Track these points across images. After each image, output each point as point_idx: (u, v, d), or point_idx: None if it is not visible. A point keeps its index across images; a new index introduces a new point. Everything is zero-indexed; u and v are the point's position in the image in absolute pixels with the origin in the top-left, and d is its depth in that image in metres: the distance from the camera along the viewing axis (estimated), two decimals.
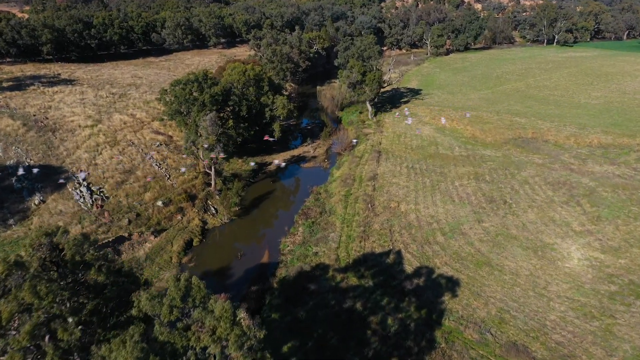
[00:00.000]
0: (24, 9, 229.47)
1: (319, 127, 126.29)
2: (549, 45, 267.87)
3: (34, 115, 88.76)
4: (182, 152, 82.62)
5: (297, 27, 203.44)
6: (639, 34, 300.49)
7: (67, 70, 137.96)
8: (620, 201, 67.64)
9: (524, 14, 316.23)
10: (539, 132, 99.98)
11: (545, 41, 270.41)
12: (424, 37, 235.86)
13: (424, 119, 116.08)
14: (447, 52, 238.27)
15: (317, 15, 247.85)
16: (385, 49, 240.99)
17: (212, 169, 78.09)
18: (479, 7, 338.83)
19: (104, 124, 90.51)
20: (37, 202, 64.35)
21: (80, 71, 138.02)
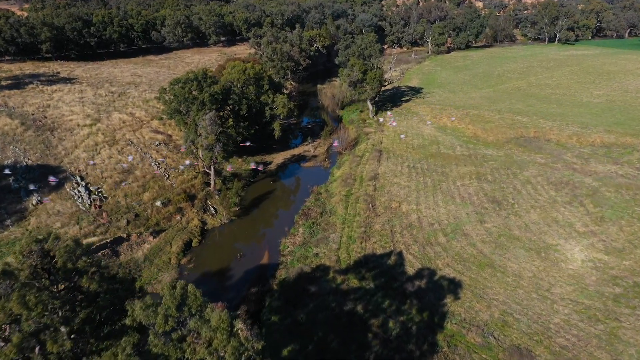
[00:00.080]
0: (23, 6, 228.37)
1: (319, 126, 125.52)
2: (551, 43, 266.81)
3: (33, 114, 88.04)
4: (182, 151, 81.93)
5: (297, 25, 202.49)
6: None
7: (67, 68, 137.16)
8: (623, 201, 66.93)
9: (525, 12, 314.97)
10: (541, 131, 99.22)
11: (546, 39, 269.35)
12: (425, 35, 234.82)
13: (425, 118, 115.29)
14: (448, 51, 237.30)
15: (317, 13, 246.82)
16: (386, 47, 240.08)
17: (212, 169, 77.41)
18: (480, 5, 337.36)
19: (103, 123, 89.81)
20: (34, 202, 63.67)
21: (79, 69, 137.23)
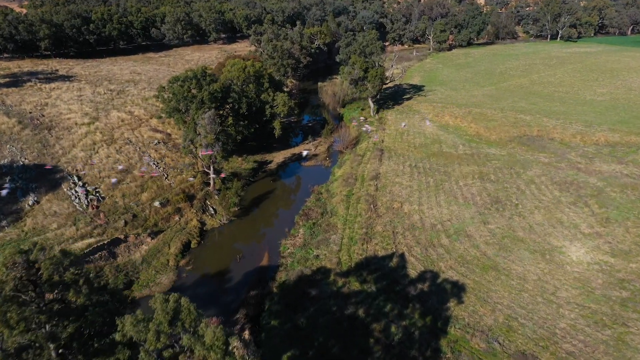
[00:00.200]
0: (23, 3, 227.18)
1: (320, 124, 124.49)
2: (553, 40, 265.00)
3: (30, 112, 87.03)
4: (181, 150, 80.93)
5: (298, 22, 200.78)
6: None
7: (65, 66, 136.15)
8: (629, 202, 65.83)
9: (527, 9, 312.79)
10: (544, 130, 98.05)
11: (548, 36, 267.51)
12: (427, 32, 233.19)
13: (427, 116, 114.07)
14: (450, 48, 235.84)
15: (318, 10, 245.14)
16: (387, 44, 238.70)
17: (211, 168, 76.39)
18: (481, 1, 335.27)
19: (101, 121, 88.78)
20: (30, 202, 62.69)
21: (78, 67, 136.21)
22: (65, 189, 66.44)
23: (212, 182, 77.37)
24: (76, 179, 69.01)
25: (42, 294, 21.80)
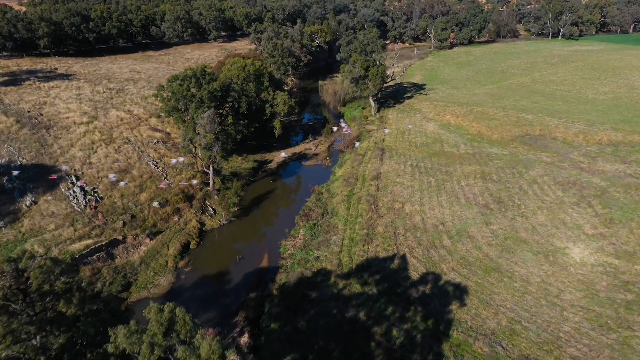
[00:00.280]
0: (22, 1, 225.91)
1: (320, 123, 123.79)
2: (554, 38, 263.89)
3: (28, 111, 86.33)
4: (180, 150, 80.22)
5: (298, 20, 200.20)
6: None
7: (64, 64, 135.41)
8: (633, 202, 65.09)
9: (529, 7, 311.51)
10: (546, 129, 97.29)
11: (550, 34, 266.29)
12: (428, 30, 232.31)
13: (428, 115, 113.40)
14: (451, 46, 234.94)
15: (319, 8, 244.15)
16: (388, 42, 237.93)
17: (211, 168, 75.67)
18: None
19: (100, 120, 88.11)
20: (28, 203, 62.02)
21: (77, 65, 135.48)
22: (63, 189, 65.78)
23: (211, 182, 76.68)
24: (74, 178, 68.34)
25: (32, 303, 21.17)
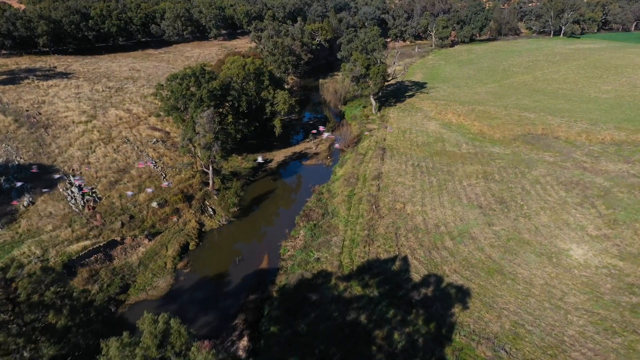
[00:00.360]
0: None
1: (321, 122, 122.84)
2: (556, 36, 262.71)
3: (27, 110, 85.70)
4: (179, 149, 79.51)
5: (299, 18, 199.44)
6: None
7: (64, 63, 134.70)
8: (637, 203, 64.32)
9: (530, 5, 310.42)
10: (549, 128, 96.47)
11: (551, 32, 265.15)
12: (429, 28, 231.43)
13: (430, 114, 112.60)
14: (452, 44, 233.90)
15: (319, 6, 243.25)
16: (388, 40, 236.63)
17: (210, 168, 74.97)
18: None
19: (99, 119, 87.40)
20: (26, 203, 61.34)
21: (77, 64, 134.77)
22: (61, 189, 65.10)
23: (211, 182, 75.97)
24: (72, 178, 67.62)
25: (21, 313, 20.49)
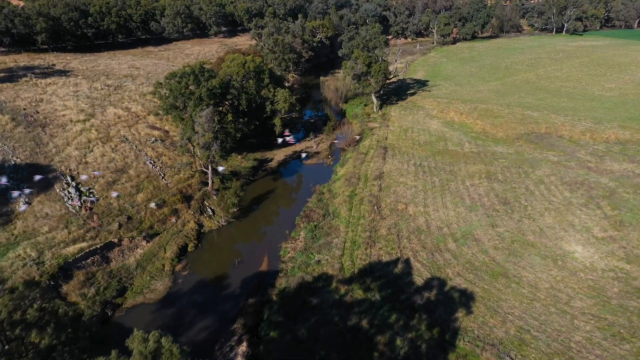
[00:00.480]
0: None
1: (322, 121, 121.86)
2: (558, 33, 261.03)
3: (24, 109, 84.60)
4: (178, 149, 78.47)
5: (300, 15, 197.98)
6: None
7: (62, 60, 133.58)
8: None
9: (532, 2, 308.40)
10: (552, 127, 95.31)
11: (554, 29, 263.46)
12: (430, 25, 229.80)
13: (432, 112, 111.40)
14: (454, 41, 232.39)
15: (320, 3, 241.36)
16: (390, 37, 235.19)
17: (209, 168, 73.93)
18: None
19: (97, 118, 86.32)
20: (22, 204, 60.35)
21: (75, 61, 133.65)
22: (57, 190, 64.09)
23: (210, 182, 74.93)
24: (69, 179, 66.66)
25: (3, 331, 19.48)
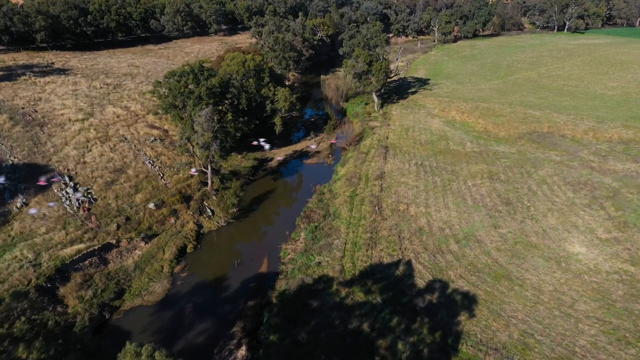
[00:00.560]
0: None
1: (322, 119, 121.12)
2: (560, 32, 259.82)
3: (22, 108, 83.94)
4: (177, 149, 77.75)
5: (300, 13, 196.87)
6: None
7: (62, 59, 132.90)
8: None
9: (534, 0, 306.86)
10: (555, 126, 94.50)
11: (555, 28, 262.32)
12: (432, 23, 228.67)
13: (433, 111, 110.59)
14: (455, 39, 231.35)
15: (321, 1, 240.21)
16: (391, 35, 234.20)
17: (209, 167, 73.21)
18: None
19: (96, 117, 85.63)
20: (19, 205, 59.69)
21: (75, 60, 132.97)
22: (55, 190, 63.42)
23: (209, 182, 74.20)
24: (67, 179, 66.00)
25: None
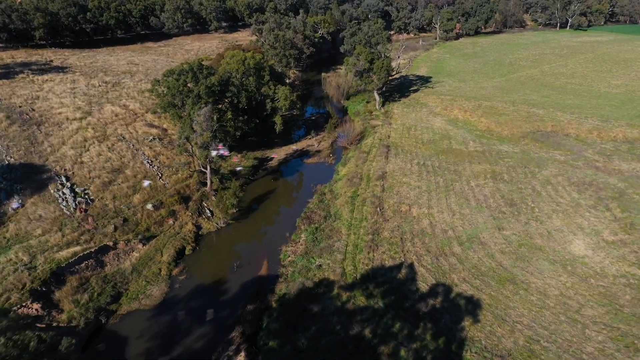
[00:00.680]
0: None
1: (323, 118, 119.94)
2: (562, 29, 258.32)
3: (20, 106, 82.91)
4: (176, 148, 76.68)
5: (301, 10, 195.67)
6: None
7: (60, 56, 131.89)
8: None
9: None
10: (558, 125, 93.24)
11: (558, 25, 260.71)
12: (433, 21, 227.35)
13: (435, 110, 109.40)
14: (457, 37, 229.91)
15: None
16: (392, 33, 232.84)
17: (208, 168, 72.14)
18: None
19: (94, 116, 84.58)
20: (15, 206, 58.71)
21: (74, 57, 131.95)
22: (52, 191, 62.40)
23: (209, 182, 73.16)
24: (64, 179, 64.97)
25: None
